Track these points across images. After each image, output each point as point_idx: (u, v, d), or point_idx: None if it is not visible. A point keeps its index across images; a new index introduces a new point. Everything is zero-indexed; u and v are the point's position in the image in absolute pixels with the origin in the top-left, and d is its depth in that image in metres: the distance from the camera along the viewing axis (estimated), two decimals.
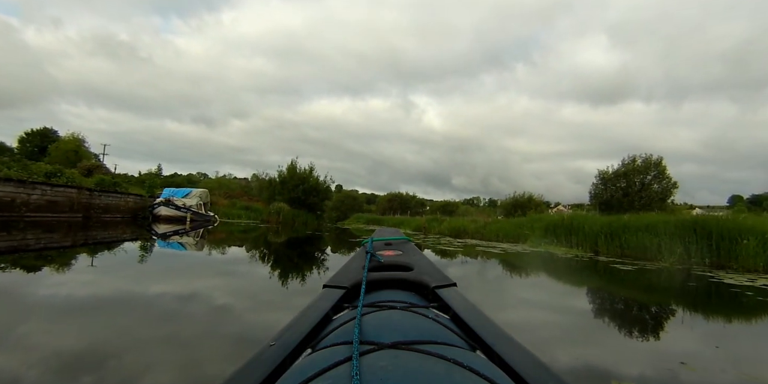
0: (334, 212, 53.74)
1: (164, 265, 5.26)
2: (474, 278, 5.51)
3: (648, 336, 2.95)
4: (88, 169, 25.09)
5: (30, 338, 2.10)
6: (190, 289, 3.63)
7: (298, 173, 27.22)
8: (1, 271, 3.96)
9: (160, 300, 3.12)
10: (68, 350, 1.94)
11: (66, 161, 27.05)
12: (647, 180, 20.87)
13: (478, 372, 0.52)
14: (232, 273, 4.87)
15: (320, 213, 29.30)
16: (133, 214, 16.95)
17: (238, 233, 13.54)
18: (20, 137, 44.03)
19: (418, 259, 1.27)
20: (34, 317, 2.49)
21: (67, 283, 3.52)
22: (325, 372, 0.53)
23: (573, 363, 2.19)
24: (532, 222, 15.55)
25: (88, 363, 1.81)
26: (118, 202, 15.98)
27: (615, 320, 3.46)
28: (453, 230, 20.50)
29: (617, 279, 6.08)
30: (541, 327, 3.04)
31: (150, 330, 2.36)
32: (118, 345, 2.06)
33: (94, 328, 2.32)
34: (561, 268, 7.40)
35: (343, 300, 0.95)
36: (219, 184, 39.60)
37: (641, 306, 4.22)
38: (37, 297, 3.02)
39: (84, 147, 35.27)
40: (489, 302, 3.87)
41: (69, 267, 4.59)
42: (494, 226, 18.09)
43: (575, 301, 4.29)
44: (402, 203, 51.90)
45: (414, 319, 0.74)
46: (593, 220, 11.80)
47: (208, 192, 20.55)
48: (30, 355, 1.85)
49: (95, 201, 14.44)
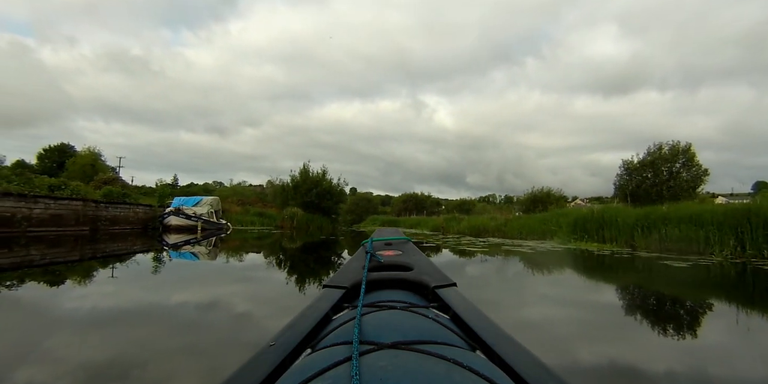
0: (349, 215, 53.44)
1: (173, 276, 4.95)
2: (511, 284, 4.82)
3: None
4: (105, 181, 25.50)
5: (35, 359, 2.00)
6: (204, 300, 3.52)
7: (310, 177, 26.60)
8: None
9: (174, 312, 3.01)
10: (89, 363, 1.91)
11: (83, 175, 27.55)
12: (675, 168, 19.77)
13: (478, 372, 0.51)
14: (245, 280, 4.70)
15: (335, 216, 28.65)
16: (143, 225, 16.55)
17: (251, 240, 13.05)
18: (39, 154, 45.51)
19: (418, 259, 1.26)
20: (37, 335, 2.39)
21: (70, 300, 3.37)
22: (324, 372, 0.52)
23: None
24: (557, 217, 14.75)
25: (114, 373, 1.81)
26: (126, 213, 15.58)
27: (707, 333, 2.73)
28: (473, 229, 19.75)
29: (676, 279, 5.30)
30: (623, 347, 2.35)
31: (166, 341, 2.30)
32: (139, 355, 2.04)
33: (108, 342, 2.27)
34: (604, 268, 6.64)
35: (343, 300, 0.94)
36: (233, 191, 39.44)
37: (728, 313, 3.47)
38: (40, 315, 2.87)
39: (101, 161, 35.75)
40: (533, 314, 3.18)
41: (73, 282, 4.36)
42: (516, 222, 17.29)
43: (643, 311, 3.55)
44: (417, 203, 51.34)
45: (414, 319, 0.74)
46: (627, 213, 10.96)
47: (219, 200, 20.02)
48: (51, 367, 1.85)
49: (102, 213, 14.03)
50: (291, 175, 27.14)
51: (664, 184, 19.50)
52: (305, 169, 27.00)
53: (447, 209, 43.05)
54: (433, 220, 28.01)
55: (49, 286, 4.00)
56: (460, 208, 40.99)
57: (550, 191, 27.51)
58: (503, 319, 2.10)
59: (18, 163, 47.75)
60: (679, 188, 18.68)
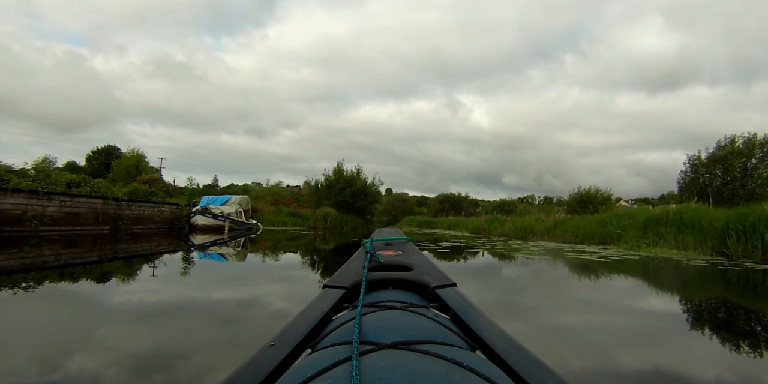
0: (385, 216, 52.42)
1: (188, 279, 4.52)
2: (616, 312, 3.53)
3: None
4: (147, 182, 25.87)
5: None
6: (226, 300, 3.33)
7: (344, 176, 25.76)
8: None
9: (184, 312, 2.85)
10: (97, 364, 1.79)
11: (127, 176, 28.25)
12: (752, 164, 17.48)
13: (478, 372, 0.51)
14: (267, 283, 4.40)
15: (369, 217, 27.69)
16: (169, 224, 15.97)
17: (281, 241, 12.20)
18: (87, 155, 47.93)
19: (418, 259, 1.25)
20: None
21: (66, 304, 3.10)
22: (324, 372, 0.52)
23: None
24: (618, 219, 13.08)
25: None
26: (151, 212, 14.97)
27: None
28: (518, 231, 18.21)
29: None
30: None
31: (166, 341, 2.17)
32: (134, 353, 1.94)
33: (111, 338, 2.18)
34: (730, 286, 5.19)
35: (343, 300, 0.94)
36: (270, 192, 39.33)
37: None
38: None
39: (144, 162, 36.51)
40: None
41: (74, 285, 3.96)
42: (568, 224, 15.63)
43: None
44: (454, 204, 49.83)
45: (414, 319, 0.74)
46: (713, 214, 9.27)
47: (248, 199, 19.26)
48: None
49: (124, 212, 13.44)
50: (325, 174, 26.41)
51: (737, 182, 17.29)
52: (339, 168, 26.21)
53: (486, 210, 41.50)
54: (472, 221, 26.43)
55: (35, 292, 3.51)
56: (500, 209, 39.25)
57: (599, 191, 25.74)
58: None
59: (68, 164, 50.24)
60: (758, 186, 16.43)
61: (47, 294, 3.41)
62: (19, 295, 3.32)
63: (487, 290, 4.09)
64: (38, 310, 2.89)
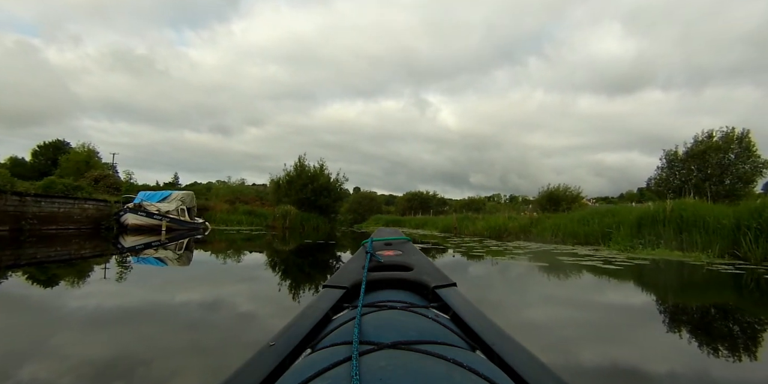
0: (350, 214, 50.66)
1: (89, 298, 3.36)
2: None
3: None
4: (95, 179, 23.97)
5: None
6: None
7: (306, 171, 23.88)
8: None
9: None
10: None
11: (77, 172, 26.37)
12: (729, 160, 16.97)
13: (478, 372, 0.51)
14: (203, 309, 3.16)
15: (333, 215, 25.93)
16: (94, 224, 13.66)
17: (232, 244, 10.44)
18: (33, 150, 44.28)
19: (417, 259, 1.24)
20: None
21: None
22: (324, 372, 0.52)
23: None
24: (599, 216, 12.02)
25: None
26: (69, 209, 12.64)
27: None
28: (491, 230, 16.98)
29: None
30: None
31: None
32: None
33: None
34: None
35: (343, 300, 0.92)
36: (230, 190, 36.74)
37: None
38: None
39: (97, 158, 33.80)
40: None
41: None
42: (546, 223, 14.52)
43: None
44: (422, 202, 48.93)
45: (414, 319, 0.73)
46: (717, 211, 8.21)
47: (193, 194, 16.92)
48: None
49: (30, 209, 11.18)
50: (285, 169, 24.45)
51: (715, 178, 16.74)
52: (300, 162, 24.31)
53: (454, 208, 40.67)
54: (442, 219, 25.15)
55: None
56: (469, 207, 38.53)
57: (567, 188, 25.18)
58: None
59: (11, 159, 45.76)
60: (742, 181, 15.90)
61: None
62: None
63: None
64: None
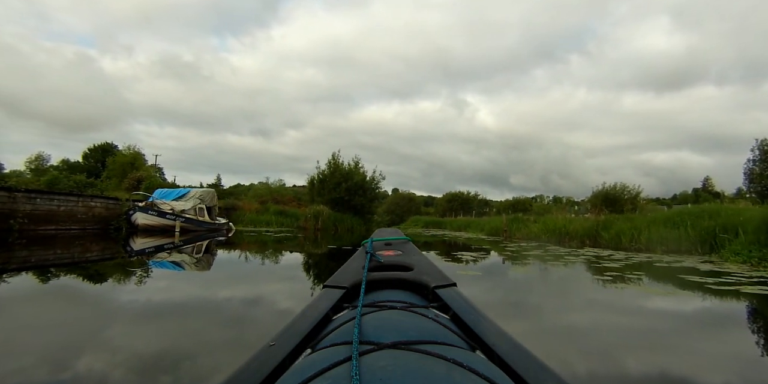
0: (388, 215, 48.90)
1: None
2: None
3: None
4: (138, 179, 24.15)
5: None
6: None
7: (340, 169, 22.37)
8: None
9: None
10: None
11: (123, 173, 27.04)
12: None
13: (478, 372, 0.51)
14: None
15: (370, 216, 24.26)
16: (102, 224, 12.44)
17: (259, 246, 9.10)
18: (84, 153, 46.68)
19: (418, 259, 1.24)
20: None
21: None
22: (324, 372, 0.52)
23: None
24: (691, 218, 9.69)
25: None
26: (72, 208, 11.44)
27: None
28: (551, 234, 14.75)
29: None
30: None
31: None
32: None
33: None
34: None
35: (343, 300, 0.93)
36: (270, 190, 36.04)
37: None
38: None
39: (142, 159, 34.54)
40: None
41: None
42: (618, 226, 12.18)
43: None
44: (463, 203, 46.65)
45: (414, 319, 0.73)
46: None
47: (214, 192, 15.70)
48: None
49: (22, 207, 9.99)
50: (317, 167, 23.05)
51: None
52: (334, 160, 22.80)
53: (498, 210, 38.37)
54: (488, 221, 22.89)
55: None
56: (514, 208, 36.01)
57: (625, 187, 22.53)
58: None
59: (63, 161, 47.91)
60: None
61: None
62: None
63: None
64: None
